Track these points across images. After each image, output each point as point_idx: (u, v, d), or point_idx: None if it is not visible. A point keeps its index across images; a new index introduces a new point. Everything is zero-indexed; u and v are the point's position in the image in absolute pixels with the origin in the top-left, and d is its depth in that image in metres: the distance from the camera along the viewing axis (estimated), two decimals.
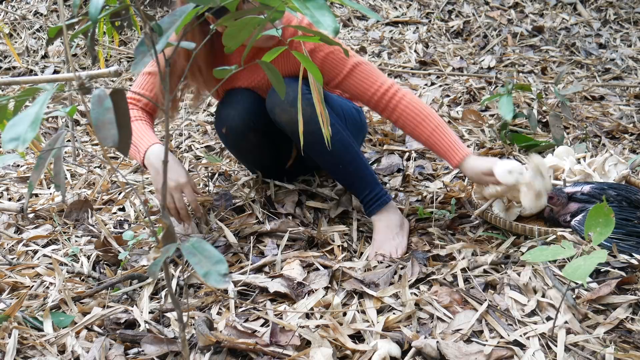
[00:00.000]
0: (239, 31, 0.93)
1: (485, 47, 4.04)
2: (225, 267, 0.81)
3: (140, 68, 0.79)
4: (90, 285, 1.73)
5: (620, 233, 1.78)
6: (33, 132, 0.65)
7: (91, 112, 0.71)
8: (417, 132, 1.90)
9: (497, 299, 1.58)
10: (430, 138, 1.89)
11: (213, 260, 0.81)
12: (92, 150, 2.92)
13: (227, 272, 0.80)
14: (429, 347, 1.37)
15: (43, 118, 0.67)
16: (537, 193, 1.82)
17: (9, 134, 0.65)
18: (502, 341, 1.42)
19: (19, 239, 2.00)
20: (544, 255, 1.35)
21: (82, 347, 1.42)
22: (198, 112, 3.40)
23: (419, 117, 1.89)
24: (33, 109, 0.67)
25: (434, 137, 1.88)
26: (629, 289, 1.61)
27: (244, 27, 0.93)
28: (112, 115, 0.72)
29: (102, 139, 0.71)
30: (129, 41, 4.40)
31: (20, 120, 0.66)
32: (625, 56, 3.92)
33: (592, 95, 3.38)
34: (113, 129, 0.71)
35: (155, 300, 1.64)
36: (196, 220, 2.01)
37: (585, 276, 1.22)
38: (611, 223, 1.30)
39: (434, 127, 1.88)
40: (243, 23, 0.92)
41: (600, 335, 1.44)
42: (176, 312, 1.03)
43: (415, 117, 1.89)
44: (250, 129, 2.02)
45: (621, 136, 2.87)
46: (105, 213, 2.21)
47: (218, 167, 2.61)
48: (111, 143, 0.72)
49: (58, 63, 4.15)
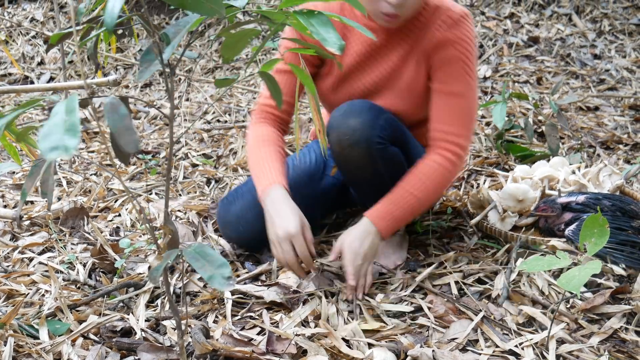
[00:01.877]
0: (236, 42, 0.93)
1: (481, 57, 4.06)
2: (229, 271, 0.83)
3: (146, 76, 0.80)
4: (86, 293, 1.73)
5: (614, 242, 1.79)
6: (74, 139, 0.64)
7: (107, 120, 0.72)
8: (404, 178, 1.69)
9: (492, 309, 1.59)
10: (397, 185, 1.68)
11: (216, 265, 0.84)
12: (89, 158, 2.93)
13: (231, 275, 0.82)
14: (425, 356, 1.37)
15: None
16: None
17: (47, 143, 0.63)
18: (497, 350, 1.43)
19: (14, 246, 2.00)
20: (539, 265, 1.36)
21: (78, 355, 1.42)
22: (195, 119, 3.41)
23: (422, 176, 1.68)
24: (61, 116, 0.66)
25: (396, 189, 1.68)
26: (622, 299, 1.62)
27: (241, 39, 0.93)
28: (129, 121, 0.73)
29: (124, 146, 0.72)
30: (126, 48, 4.41)
31: (54, 128, 0.65)
32: (620, 67, 3.95)
33: (587, 105, 3.40)
34: (133, 134, 0.72)
35: (151, 308, 1.64)
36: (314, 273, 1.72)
37: (579, 287, 1.23)
38: (606, 233, 1.31)
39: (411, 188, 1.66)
40: (240, 35, 0.92)
41: (595, 345, 1.44)
42: (174, 319, 1.03)
43: (421, 173, 1.68)
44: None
45: (616, 147, 2.89)
46: (102, 220, 2.21)
47: (214, 174, 2.61)
48: (134, 149, 0.73)
49: (54, 70, 4.16)
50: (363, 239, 1.64)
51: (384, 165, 1.70)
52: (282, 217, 1.62)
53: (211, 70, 4.16)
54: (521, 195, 2.02)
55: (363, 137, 1.63)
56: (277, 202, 1.65)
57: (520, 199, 2.02)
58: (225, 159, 2.82)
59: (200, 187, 2.50)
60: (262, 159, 1.74)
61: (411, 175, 1.68)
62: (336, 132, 1.67)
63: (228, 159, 2.81)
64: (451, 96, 1.70)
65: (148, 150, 2.99)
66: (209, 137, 3.12)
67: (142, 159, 2.87)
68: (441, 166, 1.68)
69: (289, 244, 1.61)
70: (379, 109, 1.70)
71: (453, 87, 1.69)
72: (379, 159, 1.68)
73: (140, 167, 2.76)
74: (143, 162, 2.83)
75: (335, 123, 1.68)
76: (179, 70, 4.14)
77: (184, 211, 2.22)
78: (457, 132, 1.69)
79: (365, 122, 1.64)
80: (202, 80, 3.95)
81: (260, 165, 1.73)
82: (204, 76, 4.02)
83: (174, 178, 2.62)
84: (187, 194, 2.44)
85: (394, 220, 1.66)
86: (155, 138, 3.20)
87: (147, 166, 2.76)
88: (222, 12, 0.82)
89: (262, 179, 1.70)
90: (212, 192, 2.45)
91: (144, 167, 2.76)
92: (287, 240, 1.61)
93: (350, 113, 1.66)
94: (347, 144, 1.65)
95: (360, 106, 1.67)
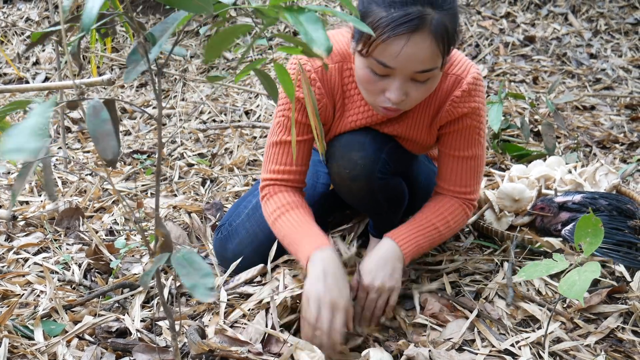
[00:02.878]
0: (221, 43, 0.86)
1: (477, 56, 4.06)
2: (212, 281, 0.80)
3: (132, 77, 0.78)
4: (82, 294, 1.72)
5: (611, 243, 1.78)
6: (36, 143, 0.63)
7: (88, 123, 0.70)
8: (420, 213, 1.67)
9: (489, 308, 1.59)
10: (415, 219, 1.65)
11: (201, 274, 0.80)
12: (84, 158, 2.92)
13: (214, 285, 0.80)
14: (421, 355, 1.37)
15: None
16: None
17: (8, 144, 0.63)
18: (493, 350, 1.43)
19: (9, 246, 1.99)
20: (537, 272, 1.35)
21: (73, 356, 1.41)
22: (190, 119, 3.40)
23: (445, 211, 1.65)
24: (33, 118, 0.65)
25: (421, 218, 1.65)
26: (619, 298, 1.62)
27: (227, 38, 0.88)
28: (110, 126, 0.71)
29: (102, 151, 0.71)
30: (121, 48, 4.40)
31: (21, 129, 0.64)
32: (615, 66, 3.95)
33: (583, 105, 3.41)
34: (112, 140, 0.71)
35: (147, 309, 1.63)
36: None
37: (582, 293, 1.22)
38: (600, 233, 1.31)
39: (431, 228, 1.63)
40: (227, 33, 0.86)
41: (591, 344, 1.44)
42: (168, 320, 1.03)
43: (443, 208, 1.66)
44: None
45: (612, 146, 2.89)
46: (97, 221, 2.20)
47: (210, 173, 2.61)
48: (111, 155, 0.71)
49: (49, 70, 4.14)
50: (384, 264, 1.55)
51: (384, 197, 1.66)
52: (334, 283, 1.42)
53: (207, 70, 4.15)
54: (517, 195, 2.02)
55: (364, 173, 1.57)
56: (331, 265, 1.45)
57: (517, 198, 2.02)
58: (221, 158, 2.82)
59: (195, 188, 2.50)
60: (301, 222, 1.57)
61: (434, 208, 1.65)
62: (336, 165, 1.61)
63: (223, 159, 2.80)
64: (464, 159, 1.65)
65: (144, 150, 2.98)
66: (205, 137, 3.11)
67: (138, 159, 2.87)
68: (461, 208, 1.66)
69: (329, 312, 1.39)
70: (382, 140, 1.62)
71: (466, 152, 1.64)
72: (378, 192, 1.63)
73: (136, 167, 2.75)
74: (138, 162, 2.82)
75: (336, 154, 1.61)
76: (174, 70, 4.13)
77: (178, 210, 2.21)
78: (470, 190, 1.67)
79: (367, 156, 1.57)
80: (198, 80, 3.95)
81: (301, 229, 1.56)
82: (200, 76, 4.01)
83: (169, 178, 2.61)
84: (183, 194, 2.43)
85: (418, 248, 1.60)
86: (151, 138, 3.19)
87: (142, 166, 2.76)
88: (210, 9, 0.80)
89: (305, 243, 1.51)
90: (207, 192, 2.44)
91: (139, 167, 2.75)
92: (330, 307, 1.40)
93: (352, 146, 1.59)
94: (348, 177, 1.59)
95: (363, 139, 1.59)
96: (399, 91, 1.39)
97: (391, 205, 1.71)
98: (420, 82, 1.40)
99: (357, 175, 1.58)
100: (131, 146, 3.06)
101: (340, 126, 1.65)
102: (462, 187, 1.66)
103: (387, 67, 1.36)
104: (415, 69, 1.35)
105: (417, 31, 1.30)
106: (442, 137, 1.67)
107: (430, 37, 1.31)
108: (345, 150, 1.60)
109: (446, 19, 1.32)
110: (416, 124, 1.64)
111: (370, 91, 1.45)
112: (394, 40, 1.31)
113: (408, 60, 1.33)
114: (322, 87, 1.59)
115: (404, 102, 1.43)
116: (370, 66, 1.39)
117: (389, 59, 1.34)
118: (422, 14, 1.30)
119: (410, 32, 1.30)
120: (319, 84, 1.58)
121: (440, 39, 1.32)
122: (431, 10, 1.30)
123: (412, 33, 1.30)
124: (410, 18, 1.29)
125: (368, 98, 1.49)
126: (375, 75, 1.40)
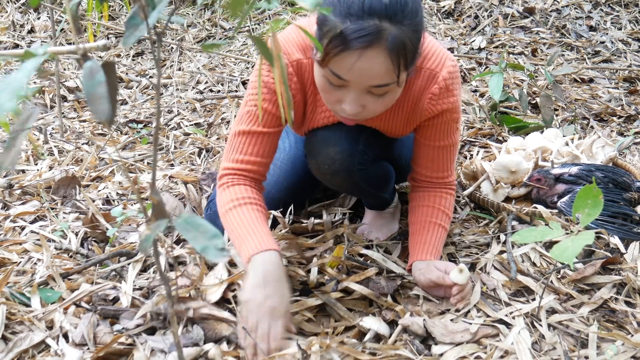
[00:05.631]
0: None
1: (476, 27, 4.03)
2: (222, 241, 0.80)
3: (131, 42, 0.77)
4: (78, 262, 1.73)
5: (606, 215, 1.79)
6: (13, 102, 0.61)
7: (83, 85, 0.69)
8: (428, 213, 1.69)
9: (484, 279, 1.60)
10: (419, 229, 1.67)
11: (209, 235, 0.80)
12: (80, 127, 2.90)
13: (224, 246, 0.80)
14: (415, 325, 1.38)
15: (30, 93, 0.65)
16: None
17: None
18: (488, 320, 1.44)
19: (6, 215, 1.99)
20: (532, 236, 1.36)
21: (70, 323, 1.42)
22: (187, 89, 3.38)
23: (444, 208, 1.69)
24: (17, 75, 0.64)
25: (428, 225, 1.67)
26: (613, 269, 1.63)
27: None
28: (104, 89, 0.70)
29: (94, 113, 0.70)
30: (117, 16, 4.35)
31: (2, 87, 0.63)
32: (615, 39, 3.93)
33: (582, 77, 3.39)
34: (105, 103, 0.70)
35: (144, 277, 1.64)
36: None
37: (572, 258, 1.23)
38: (599, 204, 1.31)
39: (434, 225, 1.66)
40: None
41: (585, 315, 1.46)
42: (165, 287, 1.03)
43: (442, 206, 1.69)
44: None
45: (609, 119, 2.89)
46: (93, 190, 2.20)
47: (206, 143, 2.60)
48: (103, 117, 0.70)
49: (45, 38, 4.11)
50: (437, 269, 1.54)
51: (367, 184, 1.68)
52: (274, 289, 1.36)
53: (204, 39, 4.11)
54: (514, 167, 2.02)
55: (343, 167, 1.58)
56: (273, 270, 1.39)
57: (513, 170, 2.02)
58: (217, 128, 2.81)
59: (191, 158, 2.49)
60: (251, 220, 1.49)
61: (434, 209, 1.68)
62: (315, 161, 1.61)
63: (220, 129, 2.79)
64: (441, 148, 1.66)
65: (140, 119, 2.97)
66: (202, 107, 3.10)
67: (134, 128, 2.85)
68: (446, 195, 1.70)
69: (268, 320, 1.33)
70: (358, 130, 1.60)
71: (444, 142, 1.65)
72: (361, 181, 1.64)
73: (132, 136, 2.74)
74: (135, 131, 2.81)
75: (314, 150, 1.61)
76: (171, 39, 4.09)
77: (175, 182, 2.21)
78: (447, 174, 1.70)
79: (344, 150, 1.57)
80: (195, 49, 3.91)
81: (247, 227, 1.47)
82: (197, 45, 3.98)
83: (166, 148, 2.61)
84: (180, 163, 2.43)
85: (437, 253, 1.63)
86: (147, 107, 3.18)
87: (138, 135, 2.75)
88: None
89: (251, 241, 1.44)
90: (203, 162, 2.44)
91: (135, 136, 2.74)
92: (270, 315, 1.33)
93: (329, 141, 1.58)
94: (328, 172, 1.60)
95: (339, 133, 1.58)
96: (354, 103, 1.36)
97: (378, 188, 1.74)
98: (378, 95, 1.36)
99: (336, 170, 1.59)
100: (127, 115, 3.04)
101: (314, 120, 1.63)
102: (439, 172, 1.69)
103: (342, 79, 1.32)
104: (370, 83, 1.32)
105: (372, 46, 1.25)
106: (420, 128, 1.66)
107: (385, 52, 1.26)
108: (321, 146, 1.59)
109: (405, 34, 1.27)
110: (392, 119, 1.62)
111: (327, 100, 1.43)
112: (347, 54, 1.27)
113: (361, 75, 1.30)
114: (297, 82, 1.55)
115: (361, 114, 1.40)
116: (327, 76, 1.35)
117: (343, 72, 1.30)
118: (379, 29, 1.24)
119: (364, 47, 1.25)
120: (295, 78, 1.53)
121: (396, 55, 1.27)
122: (389, 25, 1.25)
123: (366, 48, 1.25)
124: (365, 33, 1.24)
125: (327, 105, 1.46)
126: (331, 85, 1.37)
